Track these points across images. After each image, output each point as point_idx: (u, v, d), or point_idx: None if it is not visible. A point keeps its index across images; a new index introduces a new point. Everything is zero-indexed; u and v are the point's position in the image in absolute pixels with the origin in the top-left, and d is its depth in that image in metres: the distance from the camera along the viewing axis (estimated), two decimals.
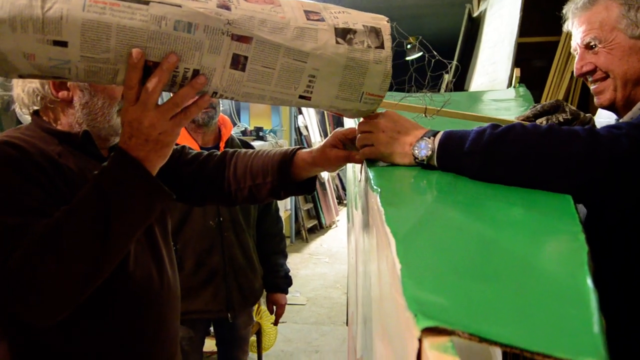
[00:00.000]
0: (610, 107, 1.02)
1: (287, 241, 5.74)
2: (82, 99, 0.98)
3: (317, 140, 6.65)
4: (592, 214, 0.97)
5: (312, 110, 6.59)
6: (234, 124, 4.67)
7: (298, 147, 1.13)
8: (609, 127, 0.79)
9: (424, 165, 0.84)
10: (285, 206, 5.64)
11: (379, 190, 0.73)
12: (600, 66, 0.99)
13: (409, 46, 6.76)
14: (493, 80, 2.46)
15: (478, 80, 2.88)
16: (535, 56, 3.22)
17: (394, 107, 0.97)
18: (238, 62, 0.80)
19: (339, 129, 1.07)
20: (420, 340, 0.40)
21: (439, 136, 0.82)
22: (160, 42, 0.75)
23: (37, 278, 0.76)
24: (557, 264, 0.54)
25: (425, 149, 0.83)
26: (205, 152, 1.18)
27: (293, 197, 6.02)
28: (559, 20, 1.11)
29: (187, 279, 1.71)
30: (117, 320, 0.98)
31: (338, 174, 8.06)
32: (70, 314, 0.83)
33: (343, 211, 7.29)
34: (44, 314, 0.79)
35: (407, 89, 0.96)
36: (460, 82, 3.21)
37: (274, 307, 2.04)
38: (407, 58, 5.48)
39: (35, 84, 0.98)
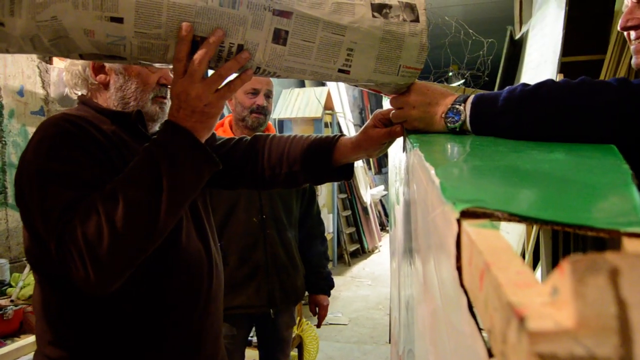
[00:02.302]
0: None
1: (330, 264, 5.71)
2: (117, 83, 1.04)
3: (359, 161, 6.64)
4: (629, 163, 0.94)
5: (352, 129, 6.61)
6: None
7: (340, 134, 1.15)
8: None
9: (456, 132, 0.84)
10: (327, 229, 5.63)
11: (418, 144, 0.74)
12: None
13: (450, 74, 6.78)
14: None
15: None
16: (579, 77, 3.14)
17: None
18: (279, 37, 0.84)
19: (378, 110, 1.08)
20: (459, 223, 0.40)
21: (470, 100, 0.82)
22: (207, 18, 0.80)
23: (93, 247, 0.78)
24: (599, 179, 0.53)
25: (457, 115, 0.83)
26: (236, 137, 1.20)
27: (335, 221, 6.02)
28: (602, 38, 1.08)
29: (231, 274, 1.74)
30: (173, 295, 1.00)
31: (381, 200, 8.03)
32: (128, 287, 0.86)
33: (386, 237, 7.21)
34: (98, 283, 0.80)
35: None
36: None
37: (316, 309, 2.03)
38: (450, 86, 5.49)
39: (78, 67, 1.04)
